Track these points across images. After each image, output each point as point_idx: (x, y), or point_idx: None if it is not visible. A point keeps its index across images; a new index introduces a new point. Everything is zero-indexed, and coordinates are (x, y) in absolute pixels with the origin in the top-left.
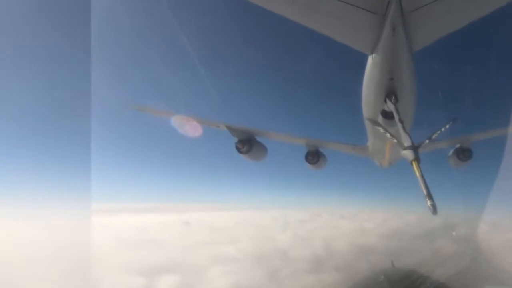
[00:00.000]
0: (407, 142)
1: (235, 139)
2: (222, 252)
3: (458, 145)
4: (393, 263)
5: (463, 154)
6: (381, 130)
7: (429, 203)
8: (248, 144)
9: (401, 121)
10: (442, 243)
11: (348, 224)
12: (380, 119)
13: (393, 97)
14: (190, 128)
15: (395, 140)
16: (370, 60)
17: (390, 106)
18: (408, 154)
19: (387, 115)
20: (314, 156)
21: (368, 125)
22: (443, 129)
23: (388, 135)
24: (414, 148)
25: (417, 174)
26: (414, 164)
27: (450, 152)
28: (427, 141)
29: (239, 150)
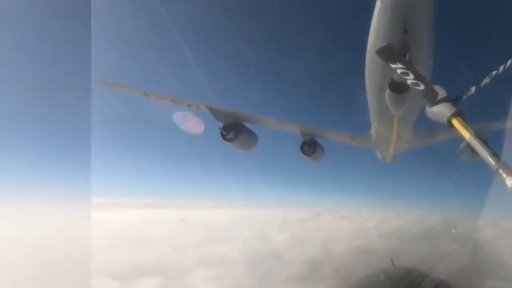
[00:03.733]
0: (441, 93)
1: (220, 125)
2: (213, 253)
3: None
4: (393, 261)
5: None
6: (400, 70)
7: (502, 172)
8: (235, 130)
9: (422, 77)
10: (443, 241)
11: (349, 224)
12: (388, 94)
13: (407, 57)
14: (192, 124)
15: (421, 87)
16: (377, 7)
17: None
18: (444, 108)
19: (398, 87)
20: (310, 147)
21: (372, 104)
22: (501, 68)
23: (410, 78)
24: (452, 100)
25: (467, 135)
26: (457, 121)
27: (463, 144)
28: (472, 88)
29: (223, 136)
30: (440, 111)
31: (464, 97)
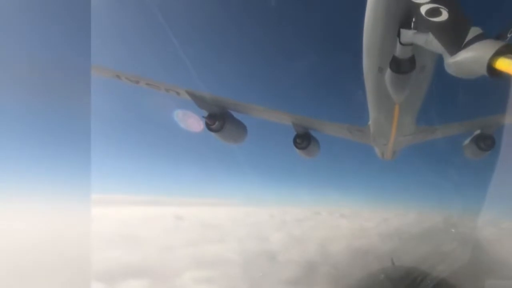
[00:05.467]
0: (474, 30)
1: (204, 113)
2: (206, 253)
3: (478, 131)
4: (393, 261)
5: (485, 142)
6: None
7: None
8: (221, 119)
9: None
10: (443, 241)
11: (348, 224)
12: (388, 75)
13: (412, 25)
14: (192, 122)
15: (443, 17)
16: None
17: (406, 37)
18: (482, 49)
19: (400, 66)
20: (304, 140)
21: (369, 89)
22: None
23: (424, 1)
24: (489, 37)
25: None
26: (508, 62)
27: (468, 140)
28: None
29: (208, 126)
30: (474, 55)
31: (509, 35)
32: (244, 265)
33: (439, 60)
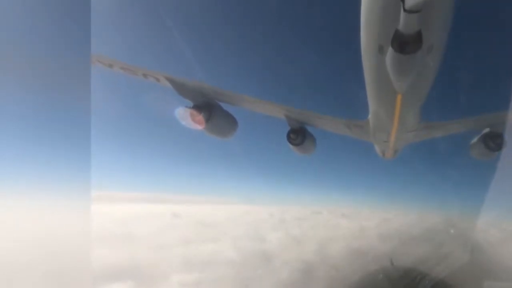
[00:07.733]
0: None
1: (189, 103)
2: (198, 253)
3: (487, 129)
4: (392, 261)
5: (494, 141)
6: None
7: None
8: (207, 111)
9: None
10: (442, 241)
11: (348, 223)
12: (390, 56)
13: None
14: (193, 120)
15: None
16: None
17: (410, 2)
18: None
19: (404, 43)
20: (298, 135)
21: (368, 76)
22: None
23: None
24: None
25: None
26: None
27: (475, 139)
28: None
29: (193, 118)
30: None
31: None
32: (238, 266)
33: (449, 42)
